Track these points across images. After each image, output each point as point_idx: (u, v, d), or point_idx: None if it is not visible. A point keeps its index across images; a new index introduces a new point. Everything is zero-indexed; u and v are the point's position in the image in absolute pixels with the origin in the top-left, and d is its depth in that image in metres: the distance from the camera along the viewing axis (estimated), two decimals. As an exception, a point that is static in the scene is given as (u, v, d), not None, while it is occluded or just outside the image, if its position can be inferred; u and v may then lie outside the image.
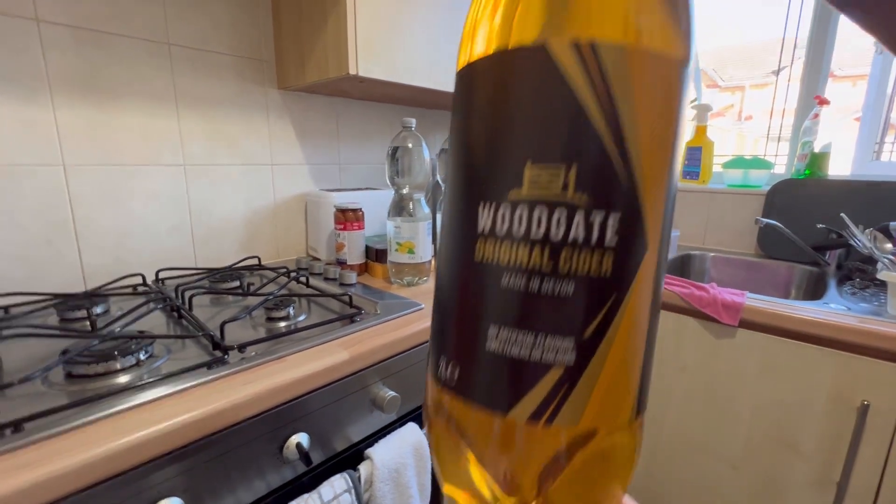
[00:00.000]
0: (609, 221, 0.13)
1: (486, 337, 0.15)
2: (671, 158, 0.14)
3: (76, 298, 0.69)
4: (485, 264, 0.15)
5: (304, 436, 0.55)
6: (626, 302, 0.14)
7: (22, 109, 0.71)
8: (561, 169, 0.13)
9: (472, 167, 0.15)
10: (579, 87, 0.13)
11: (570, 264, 0.14)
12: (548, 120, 0.13)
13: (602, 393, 0.14)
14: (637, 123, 0.13)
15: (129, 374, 0.51)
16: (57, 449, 0.39)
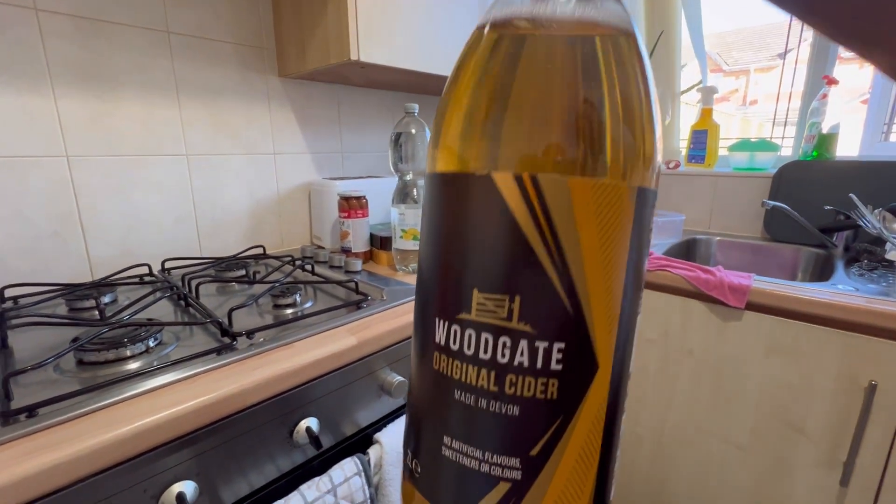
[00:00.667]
0: (553, 349, 0.14)
1: (441, 443, 0.15)
2: (625, 281, 0.14)
3: (84, 288, 0.69)
4: (441, 374, 0.15)
5: (313, 420, 0.56)
6: (575, 421, 0.14)
7: (23, 100, 0.70)
8: (505, 298, 0.13)
9: (430, 280, 0.15)
10: (522, 219, 0.13)
11: (515, 388, 0.14)
12: (494, 249, 0.13)
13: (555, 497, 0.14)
14: (582, 254, 0.13)
15: (139, 361, 0.51)
16: (70, 433, 0.40)
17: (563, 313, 0.13)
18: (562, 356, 0.14)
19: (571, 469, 0.15)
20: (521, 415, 0.14)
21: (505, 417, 0.14)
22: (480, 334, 0.14)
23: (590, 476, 0.15)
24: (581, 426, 0.14)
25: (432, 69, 0.95)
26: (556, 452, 0.14)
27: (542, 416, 0.14)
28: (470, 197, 0.14)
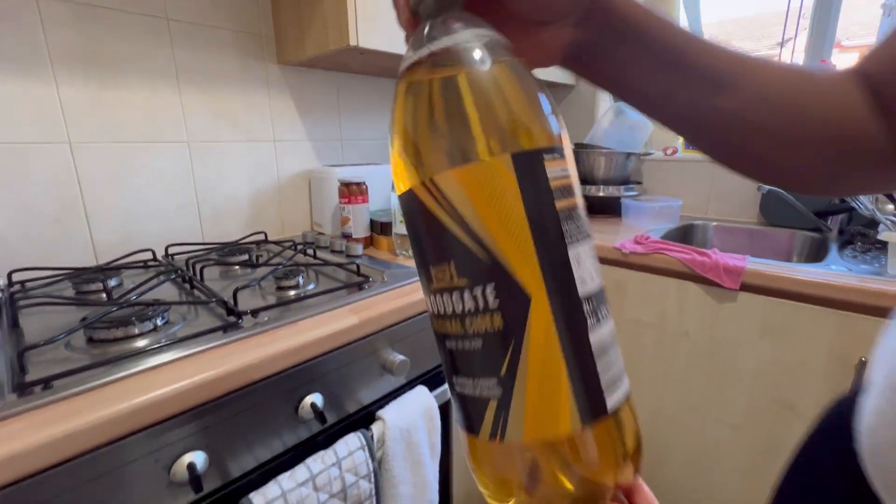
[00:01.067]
0: (487, 292, 0.18)
1: (453, 385, 0.21)
2: (533, 225, 0.18)
3: (90, 272, 0.70)
4: (437, 333, 0.21)
5: (318, 396, 0.57)
6: (526, 342, 0.18)
7: (25, 86, 0.71)
8: (445, 266, 0.19)
9: (419, 269, 0.21)
10: (435, 209, 0.19)
11: (473, 327, 0.19)
12: (430, 235, 0.19)
13: (533, 412, 0.18)
14: (480, 216, 0.18)
15: (147, 339, 0.52)
16: (84, 405, 0.41)
17: (481, 264, 0.18)
18: (494, 295, 0.18)
19: (539, 381, 0.18)
20: (484, 346, 0.19)
21: (475, 351, 0.19)
22: (443, 296, 0.20)
23: (562, 385, 0.18)
24: (534, 345, 0.18)
25: (431, 55, 0.96)
26: (520, 369, 0.18)
27: (497, 343, 0.18)
28: (411, 204, 0.20)
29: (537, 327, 0.18)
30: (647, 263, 0.93)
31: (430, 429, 0.69)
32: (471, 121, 0.18)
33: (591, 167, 1.33)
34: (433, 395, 0.70)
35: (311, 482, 0.53)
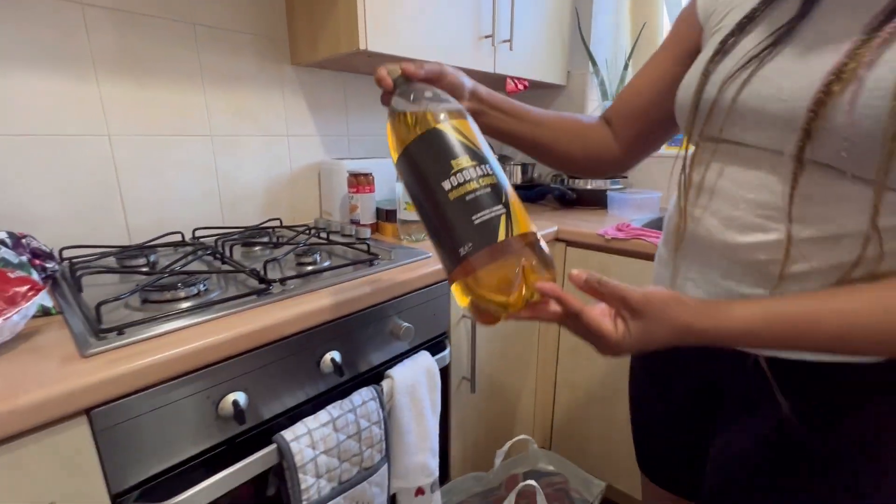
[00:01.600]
0: (485, 166, 0.41)
1: (473, 221, 0.39)
2: (485, 145, 0.44)
3: (131, 250, 0.79)
4: (457, 198, 0.39)
5: (336, 353, 0.66)
6: (506, 187, 0.42)
7: (70, 84, 0.80)
8: (464, 158, 0.41)
9: (430, 174, 0.41)
10: (449, 132, 0.43)
11: (483, 182, 0.40)
12: (454, 144, 0.42)
13: (519, 220, 0.40)
14: (471, 135, 0.44)
15: (191, 301, 0.62)
16: (150, 347, 0.50)
17: (478, 154, 0.42)
18: (487, 166, 0.41)
19: (516, 205, 0.41)
20: (491, 190, 0.40)
21: (488, 194, 0.40)
22: (464, 171, 0.40)
23: (524, 209, 0.42)
24: (509, 189, 0.42)
25: (433, 58, 1.05)
26: (509, 199, 0.40)
27: (497, 188, 0.40)
28: (430, 137, 0.42)
29: (506, 182, 0.42)
30: (627, 248, 1.03)
31: (431, 387, 0.78)
32: (455, 108, 0.46)
33: (580, 162, 1.42)
34: (434, 359, 0.80)
35: (331, 423, 0.62)
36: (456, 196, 0.39)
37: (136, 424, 0.49)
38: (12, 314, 0.46)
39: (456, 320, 0.90)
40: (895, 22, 0.33)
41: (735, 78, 0.42)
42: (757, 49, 0.41)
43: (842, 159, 0.35)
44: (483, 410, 1.05)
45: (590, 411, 1.20)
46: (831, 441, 0.42)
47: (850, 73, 0.34)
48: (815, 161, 0.37)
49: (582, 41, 1.53)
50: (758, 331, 0.36)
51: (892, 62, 0.32)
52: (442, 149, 0.40)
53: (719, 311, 0.37)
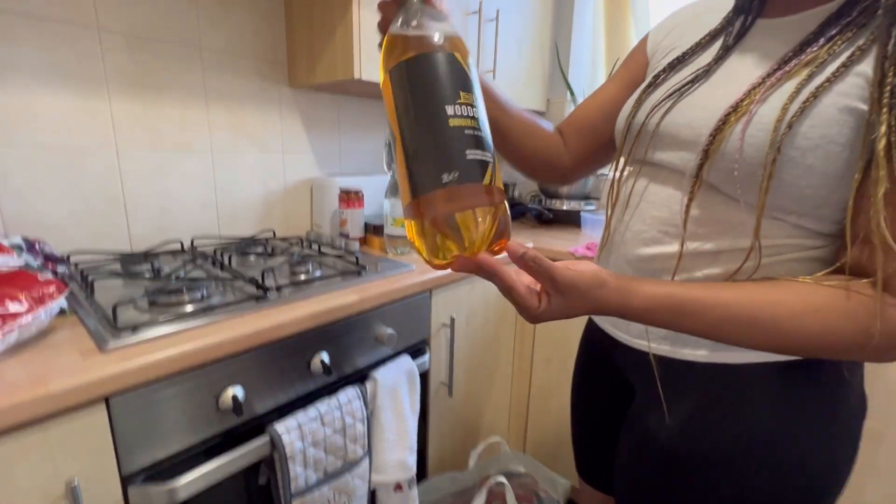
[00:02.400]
0: (482, 116, 0.40)
1: (467, 154, 0.37)
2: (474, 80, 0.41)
3: (135, 256, 0.85)
4: (457, 126, 0.37)
5: (325, 355, 0.73)
6: (492, 142, 0.40)
7: (84, 101, 0.86)
8: (470, 94, 0.39)
9: (436, 92, 0.38)
10: (465, 68, 0.40)
11: (479, 126, 0.39)
12: (463, 76, 0.39)
13: (498, 176, 0.39)
14: (476, 85, 0.42)
15: (194, 305, 0.68)
16: (161, 345, 0.56)
17: (479, 102, 0.40)
18: (483, 118, 0.40)
19: (496, 163, 0.39)
20: (484, 136, 0.39)
21: (483, 137, 0.39)
22: (466, 106, 0.38)
23: (499, 170, 0.40)
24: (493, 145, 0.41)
25: (420, 86, 1.14)
26: (494, 153, 0.40)
27: (487, 138, 0.39)
28: (448, 59, 0.39)
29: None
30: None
31: (412, 389, 0.85)
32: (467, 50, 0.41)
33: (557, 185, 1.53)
34: (415, 364, 0.87)
35: (319, 419, 0.69)
36: (456, 125, 0.37)
37: (147, 413, 0.55)
38: (40, 312, 0.52)
39: (436, 328, 0.98)
40: (786, 68, 0.40)
41: (660, 107, 0.49)
42: (679, 84, 0.48)
43: (731, 179, 0.41)
44: (459, 413, 1.12)
45: (561, 417, 1.27)
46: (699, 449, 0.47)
47: (745, 107, 0.40)
48: (710, 184, 0.43)
49: (560, 71, 1.65)
50: (654, 308, 0.40)
51: (775, 102, 0.39)
52: (456, 75, 0.38)
53: (629, 290, 0.40)
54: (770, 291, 0.40)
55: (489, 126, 0.42)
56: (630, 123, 0.53)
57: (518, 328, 1.29)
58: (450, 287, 0.99)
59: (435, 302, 0.96)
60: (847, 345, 0.38)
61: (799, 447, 0.45)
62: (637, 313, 0.41)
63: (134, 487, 0.55)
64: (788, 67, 0.40)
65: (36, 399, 0.45)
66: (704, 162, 0.42)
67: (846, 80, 0.37)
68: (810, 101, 0.38)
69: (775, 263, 0.43)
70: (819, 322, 0.38)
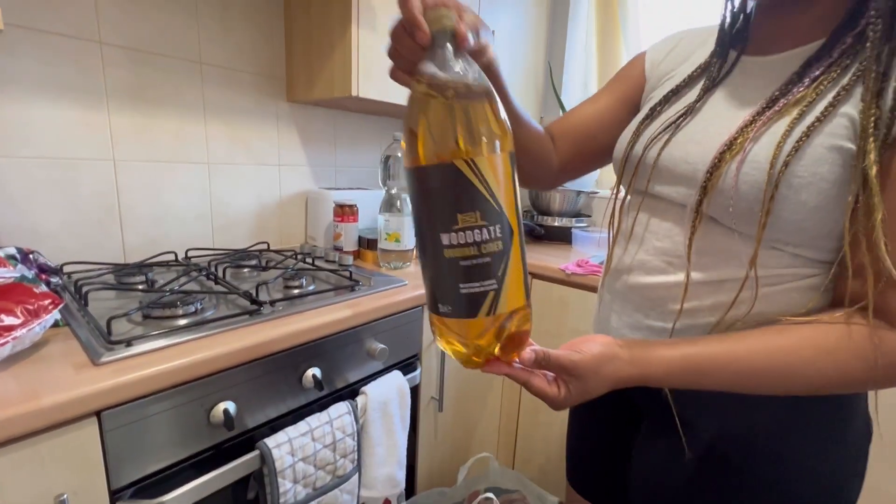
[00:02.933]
0: (496, 228, 0.35)
1: (460, 288, 0.36)
2: (515, 194, 0.37)
3: (129, 268, 0.86)
4: (452, 258, 0.36)
5: (317, 370, 0.74)
6: (512, 255, 0.37)
7: (84, 114, 0.87)
8: (473, 213, 0.35)
9: (430, 216, 0.37)
10: (471, 177, 0.35)
11: (486, 249, 0.35)
12: (466, 193, 0.35)
13: (508, 297, 0.37)
14: (495, 185, 0.35)
15: (188, 319, 0.68)
16: (154, 359, 0.57)
17: (495, 212, 0.35)
18: (499, 229, 0.35)
19: (513, 278, 0.37)
20: (492, 260, 0.36)
21: (486, 264, 0.35)
22: (465, 232, 0.35)
23: (521, 280, 0.38)
24: (514, 257, 0.37)
25: (416, 104, 1.16)
26: (508, 271, 0.36)
27: (500, 257, 0.36)
28: (447, 172, 0.34)
29: (515, 248, 0.37)
30: (584, 283, 1.14)
31: (402, 404, 0.86)
32: (498, 131, 0.36)
33: (548, 202, 1.55)
34: (406, 379, 0.88)
35: (310, 434, 0.69)
36: (451, 256, 0.35)
37: (138, 427, 0.55)
38: (35, 325, 0.53)
39: (427, 344, 0.99)
40: (775, 107, 0.42)
41: (657, 140, 0.50)
42: (673, 118, 0.50)
43: (728, 214, 0.43)
44: (449, 429, 1.13)
45: (549, 433, 1.28)
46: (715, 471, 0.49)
47: (739, 146, 0.42)
48: (710, 216, 0.45)
49: (554, 91, 1.69)
50: (673, 373, 0.42)
51: (767, 140, 0.41)
52: (454, 193, 0.34)
53: (645, 360, 0.42)
54: (780, 340, 0.41)
55: None
56: (628, 154, 0.54)
57: (509, 343, 1.30)
58: (442, 302, 1.00)
59: (427, 317, 0.97)
60: (858, 379, 0.40)
61: (807, 466, 0.46)
62: (657, 381, 0.43)
63: (122, 503, 0.55)
64: (777, 107, 0.42)
65: (28, 413, 0.46)
66: (703, 197, 0.44)
67: (833, 121, 0.39)
68: (803, 140, 0.39)
69: (775, 293, 0.44)
70: (832, 364, 0.40)
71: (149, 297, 0.71)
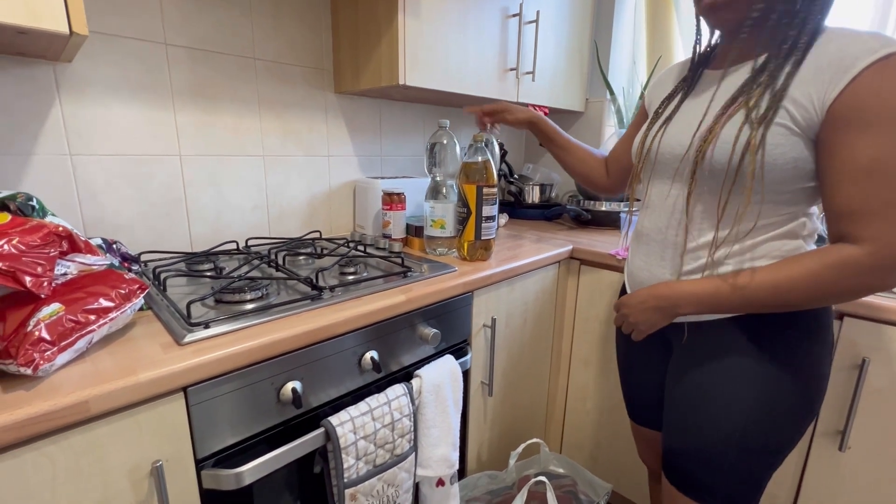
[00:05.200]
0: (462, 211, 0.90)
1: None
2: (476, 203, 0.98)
3: (198, 256, 0.91)
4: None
5: (375, 353, 0.76)
6: (471, 218, 0.97)
7: (152, 113, 0.93)
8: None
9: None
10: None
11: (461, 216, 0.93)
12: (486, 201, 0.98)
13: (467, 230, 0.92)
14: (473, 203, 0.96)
15: (255, 303, 0.72)
16: (230, 340, 0.61)
17: (466, 206, 0.95)
18: (465, 210, 0.97)
19: (469, 227, 0.96)
20: (464, 216, 0.96)
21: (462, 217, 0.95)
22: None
23: (472, 230, 0.98)
24: (470, 221, 0.97)
25: (459, 89, 1.16)
26: (467, 223, 0.95)
27: (465, 217, 0.97)
28: (479, 191, 0.97)
29: (472, 218, 0.98)
30: (636, 268, 1.11)
31: (455, 388, 0.87)
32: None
33: (595, 185, 1.51)
34: (458, 363, 0.89)
35: (369, 413, 0.72)
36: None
37: (217, 402, 0.59)
38: (127, 308, 0.57)
39: (476, 329, 1.00)
40: (737, 103, 0.61)
41: (657, 135, 0.73)
42: (663, 119, 0.74)
43: (705, 177, 0.63)
44: (499, 413, 1.14)
45: (599, 419, 1.27)
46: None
47: (715, 131, 0.62)
48: (706, 187, 0.64)
49: (600, 71, 1.63)
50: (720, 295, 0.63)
51: (732, 127, 0.60)
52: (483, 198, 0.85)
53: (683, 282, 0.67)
54: (786, 266, 0.59)
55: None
56: (641, 149, 0.76)
57: (556, 328, 1.29)
58: (491, 289, 1.01)
59: (476, 303, 0.98)
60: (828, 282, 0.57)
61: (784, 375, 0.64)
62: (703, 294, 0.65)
63: (206, 470, 0.60)
64: (736, 104, 0.61)
65: (127, 387, 0.50)
66: (696, 167, 0.64)
67: (779, 111, 0.57)
68: (767, 118, 0.57)
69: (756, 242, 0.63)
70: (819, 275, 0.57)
71: (219, 283, 0.75)
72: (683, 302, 0.66)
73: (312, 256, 0.98)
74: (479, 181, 0.98)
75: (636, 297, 0.72)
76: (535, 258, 1.09)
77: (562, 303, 1.28)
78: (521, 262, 1.05)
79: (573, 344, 1.29)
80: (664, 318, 0.70)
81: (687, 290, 0.65)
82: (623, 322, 0.76)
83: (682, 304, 0.66)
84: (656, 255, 0.73)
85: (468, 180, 0.99)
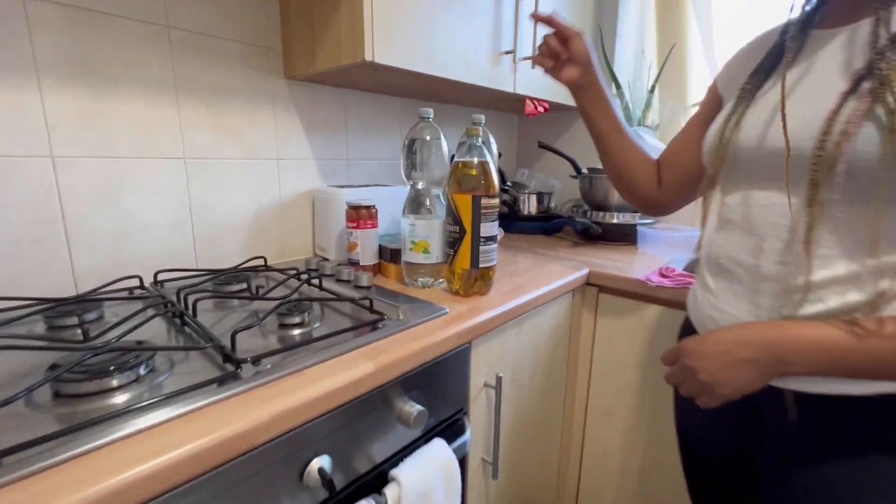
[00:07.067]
0: (456, 228, 0.74)
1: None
2: (472, 214, 0.73)
3: (66, 304, 0.62)
4: None
5: (325, 458, 0.49)
6: (464, 240, 0.74)
7: (6, 96, 0.64)
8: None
9: None
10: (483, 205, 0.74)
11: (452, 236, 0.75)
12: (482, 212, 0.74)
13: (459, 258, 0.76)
14: (462, 211, 0.73)
15: (127, 393, 0.44)
16: (41, 490, 0.33)
17: (458, 223, 0.74)
18: (457, 228, 0.73)
19: (463, 251, 0.74)
20: (456, 237, 0.75)
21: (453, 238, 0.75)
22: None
23: (467, 256, 0.74)
24: (464, 243, 0.74)
25: (449, 74, 0.91)
26: (460, 246, 0.74)
27: (457, 237, 0.74)
28: (475, 201, 0.73)
29: (466, 239, 0.73)
30: (675, 299, 0.87)
31: (450, 491, 0.60)
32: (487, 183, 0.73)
33: (605, 194, 1.28)
34: (451, 449, 0.62)
35: (316, 566, 0.45)
36: None
37: None
38: None
39: (476, 391, 0.73)
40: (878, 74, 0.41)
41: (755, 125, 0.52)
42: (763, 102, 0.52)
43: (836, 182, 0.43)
44: (503, 493, 0.87)
45: (623, 485, 1.02)
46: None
47: (846, 128, 0.42)
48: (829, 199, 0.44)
49: (606, 63, 1.41)
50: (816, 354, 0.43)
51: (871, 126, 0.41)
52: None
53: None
54: None
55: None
56: (720, 144, 0.54)
57: (569, 371, 1.04)
58: (494, 335, 0.75)
59: (475, 356, 0.71)
60: None
61: None
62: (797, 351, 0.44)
63: None
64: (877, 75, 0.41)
65: None
66: (822, 170, 0.43)
67: None
68: None
69: None
70: None
71: (68, 359, 0.47)
72: (798, 354, 0.43)
73: (245, 297, 0.70)
74: (476, 190, 0.72)
75: (711, 342, 0.48)
76: (549, 287, 0.84)
77: (576, 340, 1.03)
78: (531, 294, 0.79)
79: (590, 390, 1.04)
80: (759, 378, 0.46)
81: (806, 335, 0.43)
82: (686, 379, 0.50)
83: (794, 359, 0.44)
84: (744, 296, 0.51)
85: (460, 189, 0.73)
